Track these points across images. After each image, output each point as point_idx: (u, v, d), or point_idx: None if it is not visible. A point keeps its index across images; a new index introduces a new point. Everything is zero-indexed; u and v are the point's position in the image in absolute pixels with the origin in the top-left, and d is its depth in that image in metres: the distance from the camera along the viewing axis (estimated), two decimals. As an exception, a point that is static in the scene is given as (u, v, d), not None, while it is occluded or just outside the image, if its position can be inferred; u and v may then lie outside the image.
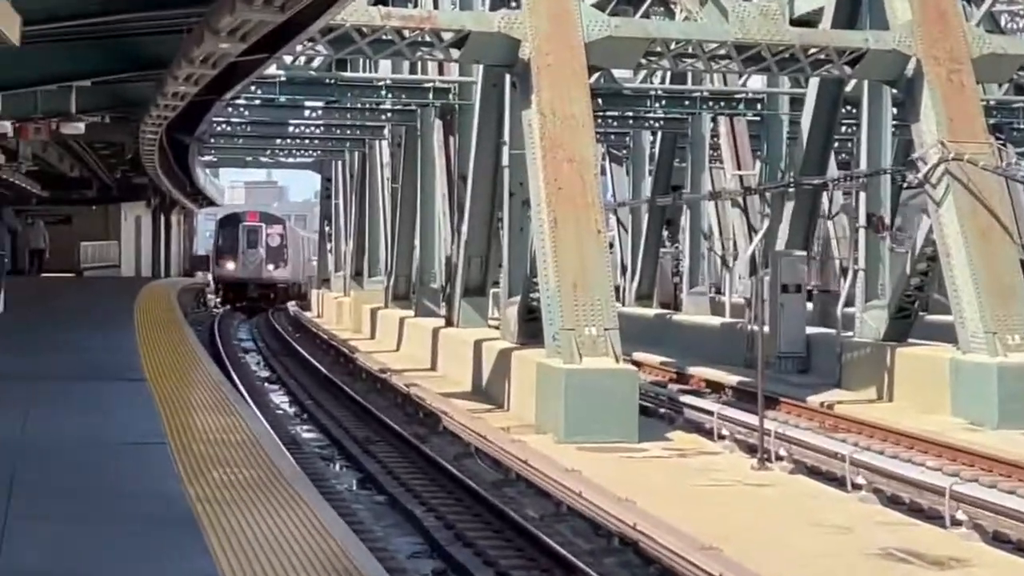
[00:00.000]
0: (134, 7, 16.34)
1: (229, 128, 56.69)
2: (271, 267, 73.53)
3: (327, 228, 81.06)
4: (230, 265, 73.42)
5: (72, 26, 16.51)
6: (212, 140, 57.44)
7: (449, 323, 38.70)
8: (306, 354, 45.38)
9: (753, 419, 25.41)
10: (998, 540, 18.33)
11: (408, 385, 32.61)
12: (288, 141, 67.27)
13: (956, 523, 18.96)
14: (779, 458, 24.06)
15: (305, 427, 29.74)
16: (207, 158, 73.85)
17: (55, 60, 20.09)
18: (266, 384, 38.76)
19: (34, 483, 12.73)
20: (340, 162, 71.67)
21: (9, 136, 25.67)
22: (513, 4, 30.68)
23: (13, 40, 10.85)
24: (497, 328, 35.23)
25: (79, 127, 25.83)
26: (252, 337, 60.93)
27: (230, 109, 43.81)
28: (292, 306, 77.82)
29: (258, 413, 19.59)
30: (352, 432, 27.75)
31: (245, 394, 28.16)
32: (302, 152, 76.18)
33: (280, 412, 31.95)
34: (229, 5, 12.63)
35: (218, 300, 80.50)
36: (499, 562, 16.86)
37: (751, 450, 24.86)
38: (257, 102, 47.65)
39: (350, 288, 65.05)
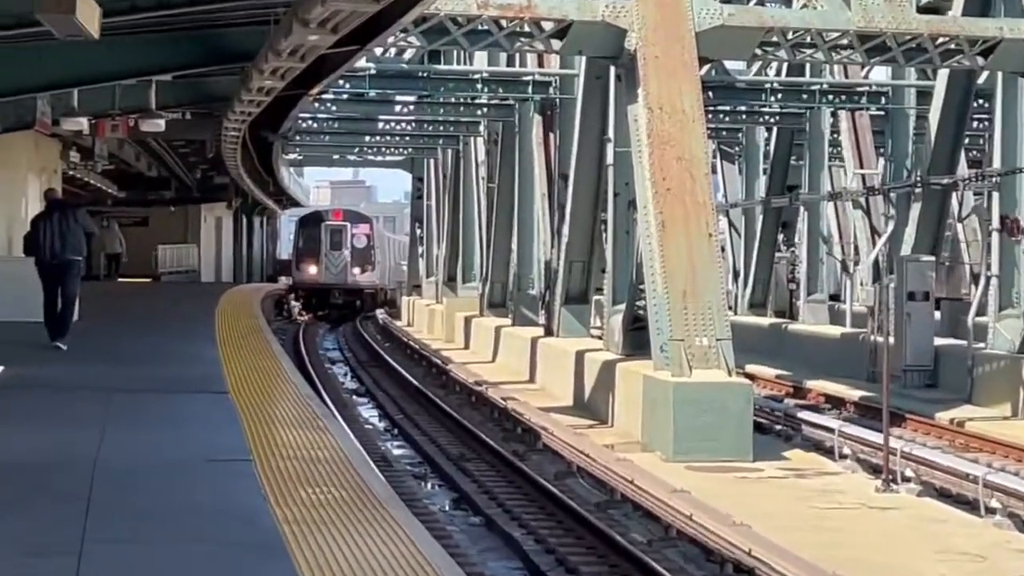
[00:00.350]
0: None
1: (315, 125, 57.08)
2: (357, 271, 70.45)
3: (418, 230, 79.32)
4: (312, 269, 69.92)
5: (153, 17, 16.63)
6: (297, 137, 57.89)
7: (548, 332, 38.73)
8: (396, 365, 45.52)
9: (877, 437, 25.31)
10: None
11: (505, 399, 32.63)
12: (377, 138, 67.11)
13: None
14: (905, 479, 23.90)
15: (396, 443, 29.84)
16: (291, 156, 74.15)
17: (134, 53, 20.27)
18: (354, 397, 38.87)
19: (111, 504, 12.81)
20: (432, 160, 71.76)
21: (85, 133, 25.92)
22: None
23: (93, 33, 10.95)
24: (600, 338, 35.20)
25: (159, 124, 26.04)
26: (338, 346, 61.06)
27: (317, 104, 44.05)
28: (380, 313, 76.15)
29: (347, 428, 19.61)
30: (446, 449, 27.79)
31: (332, 408, 28.26)
32: (392, 150, 75.82)
33: (369, 427, 32.04)
34: (317, 14, 12.68)
35: (299, 307, 75.61)
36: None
37: (875, 471, 24.74)
38: (345, 97, 47.94)
39: (442, 295, 65.00)
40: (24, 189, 37.48)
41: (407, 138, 66.68)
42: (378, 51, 32.56)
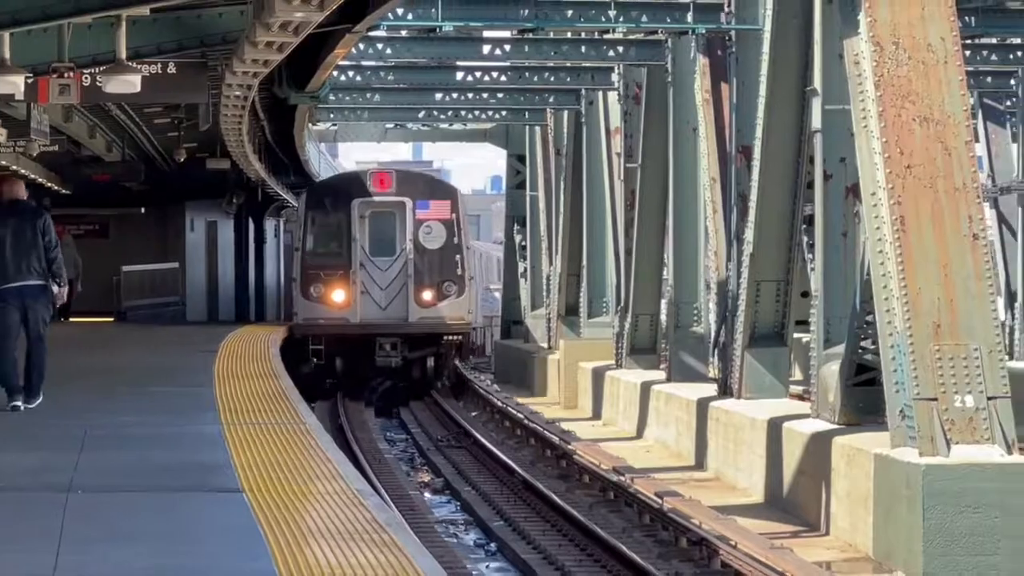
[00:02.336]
0: None
1: (360, 79, 57.15)
2: (429, 296, 49.87)
3: (519, 238, 78.95)
4: (337, 296, 50.02)
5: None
6: (332, 98, 57.33)
7: (725, 392, 38.83)
8: (488, 443, 45.50)
9: None
10: None
11: (660, 495, 32.67)
12: (454, 97, 66.57)
13: None
14: None
15: (495, 565, 29.90)
16: (322, 126, 74.18)
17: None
18: (429, 495, 39.02)
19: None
20: (539, 129, 71.60)
21: (18, 99, 26.00)
22: None
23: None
24: (803, 399, 35.19)
25: (132, 81, 26.08)
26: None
27: (363, 46, 44.23)
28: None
29: (421, 545, 19.67)
30: (569, 570, 27.83)
31: (397, 512, 28.37)
32: (477, 113, 74.86)
33: (453, 540, 32.14)
34: None
35: (312, 366, 55.71)
36: None
37: None
38: (405, 33, 48.20)
39: (558, 335, 64.28)
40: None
41: (500, 96, 66.22)
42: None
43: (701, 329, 44.43)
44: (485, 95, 65.74)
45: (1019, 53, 50.59)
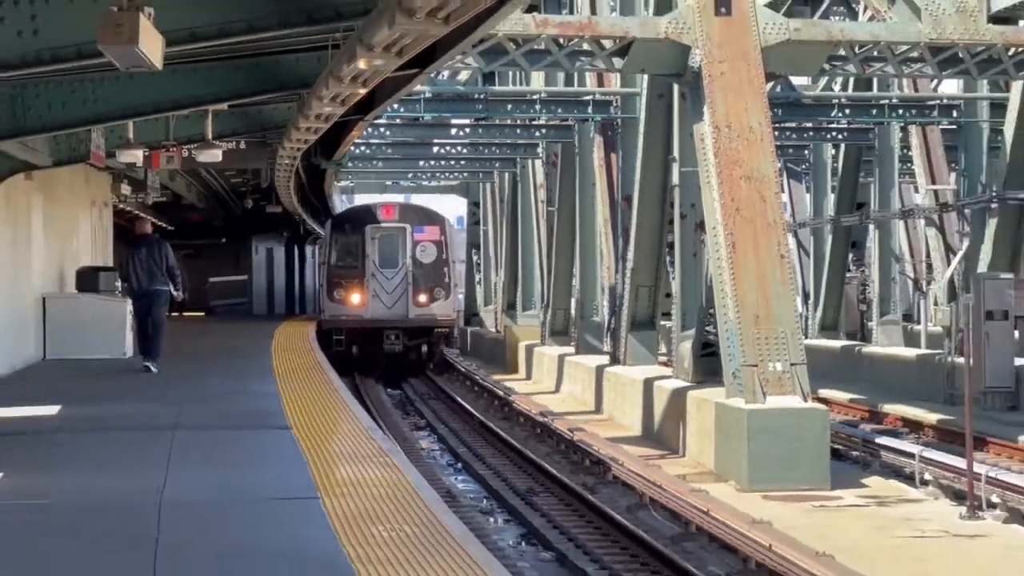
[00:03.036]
0: (282, 24, 16.47)
1: (368, 151, 57.15)
2: (423, 299, 46.89)
3: (475, 257, 78.98)
4: (354, 297, 47.23)
5: (212, 46, 16.70)
6: (350, 164, 57.55)
7: (615, 361, 38.74)
8: (457, 397, 45.38)
9: (960, 462, 25.24)
10: None
11: (572, 430, 32.63)
12: (432, 163, 67.01)
13: None
14: (991, 505, 23.82)
15: (460, 477, 29.85)
16: (344, 183, 74.22)
17: (191, 82, 20.35)
18: (415, 431, 38.85)
19: (180, 546, 12.83)
20: (489, 184, 71.54)
21: (139, 166, 25.95)
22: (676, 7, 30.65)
23: (156, 64, 10.99)
24: (668, 365, 35.18)
25: (216, 154, 26.12)
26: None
27: (370, 130, 44.20)
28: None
29: (410, 464, 19.62)
30: (512, 483, 27.78)
31: (394, 443, 28.32)
32: (447, 174, 75.52)
33: (432, 461, 32.04)
34: (388, 18, 12.67)
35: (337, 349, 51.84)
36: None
37: (958, 497, 24.65)
38: (399, 121, 48.26)
39: (501, 323, 64.27)
40: (77, 223, 37.63)
41: (462, 162, 66.35)
42: (436, 72, 32.45)
43: (598, 319, 44.30)
44: (452, 162, 65.77)
45: (810, 133, 50.56)
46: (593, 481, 26.94)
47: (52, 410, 22.68)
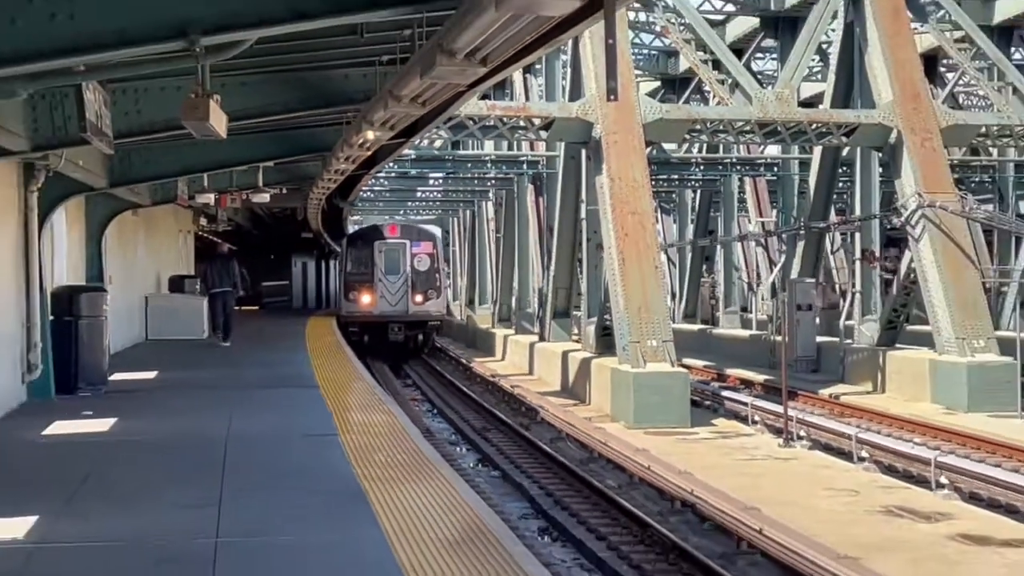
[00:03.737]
0: (307, 106, 16.49)
1: (372, 194, 57.00)
2: (419, 298, 44.03)
3: (446, 268, 77.92)
4: (365, 298, 44.07)
5: (260, 122, 16.69)
6: (359, 203, 57.51)
7: (542, 339, 38.65)
8: (432, 363, 45.13)
9: (779, 408, 25.37)
10: (974, 499, 18.24)
11: (513, 387, 32.62)
12: (416, 203, 67.19)
13: (940, 486, 18.89)
14: (799, 438, 23.98)
15: (437, 420, 29.72)
16: (355, 217, 73.92)
17: (247, 147, 20.28)
18: (404, 388, 38.65)
19: (240, 465, 12.84)
20: (456, 218, 71.12)
21: (211, 205, 26.05)
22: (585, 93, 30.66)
23: (222, 135, 10.95)
24: (579, 342, 35.15)
25: (265, 197, 26.08)
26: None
27: (373, 180, 44.05)
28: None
29: (402, 411, 19.60)
30: (472, 423, 27.72)
31: (390, 397, 28.28)
32: (427, 211, 75.41)
33: (416, 409, 31.92)
34: (383, 103, 12.71)
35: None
36: (589, 521, 16.86)
37: (777, 432, 24.79)
38: (393, 174, 47.90)
39: (465, 314, 64.14)
40: (169, 245, 37.60)
41: (437, 203, 66.52)
42: (416, 140, 32.44)
43: (531, 310, 44.12)
44: (430, 203, 65.85)
45: (676, 182, 50.60)
46: (527, 421, 26.89)
47: (152, 374, 22.61)
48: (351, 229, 48.18)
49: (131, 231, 29.50)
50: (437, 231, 58.31)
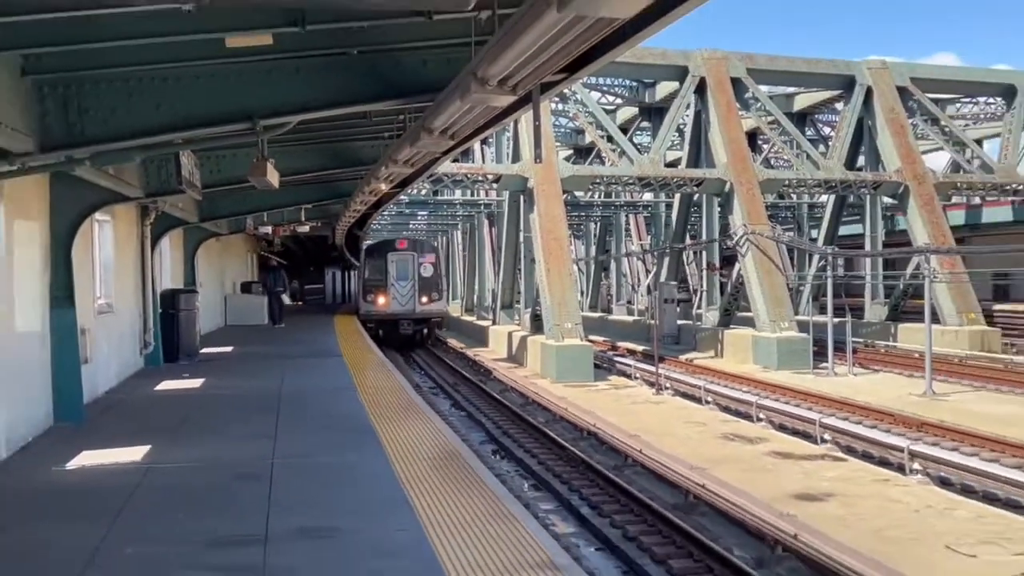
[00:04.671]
0: (334, 166, 16.37)
1: (379, 226, 56.49)
2: (424, 299, 38.69)
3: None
4: (380, 300, 38.72)
5: (301, 177, 16.57)
6: (370, 232, 56.97)
7: (494, 323, 38.63)
8: (436, 352, 44.61)
9: (652, 368, 25.46)
10: (781, 428, 18.36)
11: (474, 355, 32.52)
12: (409, 232, 66.30)
13: (759, 420, 19.03)
14: (666, 388, 24.07)
15: (423, 379, 29.58)
16: (368, 241, 73.46)
17: (292, 194, 20.10)
18: (400, 357, 38.41)
19: (290, 410, 12.77)
20: (437, 242, 71.00)
21: (269, 233, 25.85)
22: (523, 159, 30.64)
23: (275, 186, 10.90)
24: (519, 325, 35.14)
25: (305, 228, 25.98)
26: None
27: (379, 216, 43.81)
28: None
29: (399, 372, 19.51)
30: (447, 380, 27.58)
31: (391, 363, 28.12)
32: (417, 237, 75.10)
33: (419, 382, 31.71)
34: (386, 165, 12.61)
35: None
36: (526, 445, 16.85)
37: (651, 384, 24.87)
38: (393, 212, 47.73)
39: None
40: (242, 263, 37.33)
41: (424, 231, 65.75)
42: (408, 190, 32.32)
43: (487, 303, 44.04)
44: (419, 231, 65.12)
45: (584, 217, 50.67)
46: (484, 378, 26.81)
47: (229, 348, 22.42)
48: (365, 245, 41.25)
49: (215, 252, 29.23)
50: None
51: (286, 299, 41.69)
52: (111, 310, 15.41)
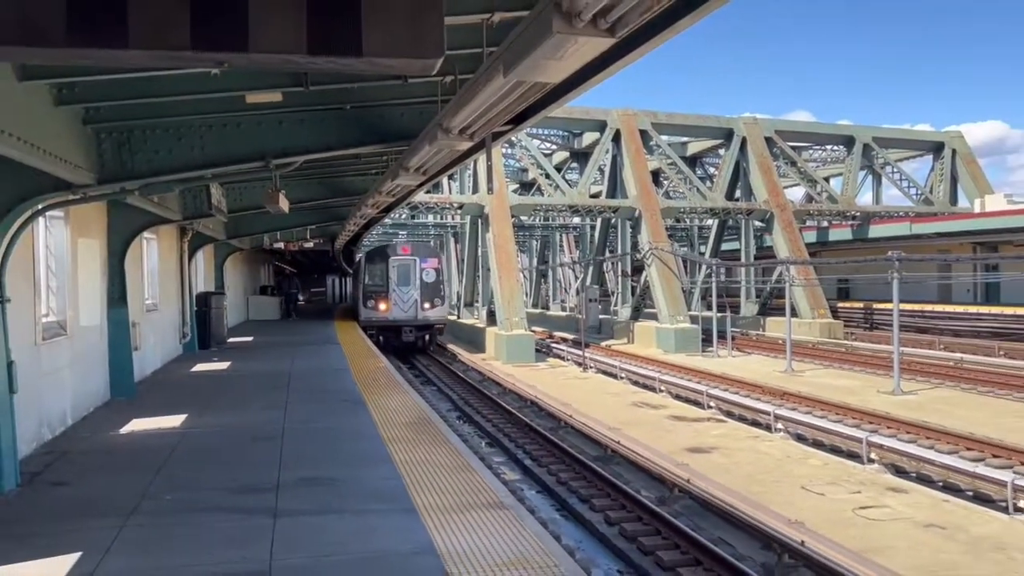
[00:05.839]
0: (332, 196, 16.18)
1: (368, 243, 55.80)
2: (427, 306, 29.95)
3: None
4: (381, 306, 30.21)
5: (307, 204, 16.35)
6: (361, 247, 56.13)
7: (458, 318, 38.36)
8: (431, 353, 44.21)
9: (579, 352, 25.46)
10: (678, 398, 18.39)
11: (453, 354, 32.25)
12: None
13: (661, 391, 19.11)
14: (590, 368, 24.07)
15: (402, 361, 29.29)
16: (358, 256, 72.67)
17: (300, 217, 19.83)
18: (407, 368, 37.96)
19: (298, 386, 12.59)
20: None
21: (281, 248, 25.46)
22: (480, 190, 30.53)
23: (285, 210, 10.76)
24: (478, 319, 34.97)
25: (311, 244, 25.60)
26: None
27: (369, 235, 43.37)
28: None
29: (384, 357, 19.30)
30: (421, 361, 27.33)
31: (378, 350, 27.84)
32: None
33: (413, 378, 31.36)
34: (373, 195, 12.50)
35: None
36: (483, 411, 16.76)
37: (579, 364, 24.85)
38: (380, 231, 47.10)
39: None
40: (259, 270, 36.73)
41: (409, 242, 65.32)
42: (392, 214, 32.06)
43: (453, 302, 43.72)
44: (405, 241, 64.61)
45: (527, 236, 50.56)
46: (450, 360, 26.63)
47: (251, 338, 22.08)
48: (365, 251, 32.56)
49: (239, 262, 28.75)
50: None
51: (300, 299, 41.13)
52: (156, 308, 15.13)
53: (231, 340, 20.59)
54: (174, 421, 9.77)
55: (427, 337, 29.04)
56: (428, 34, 2.93)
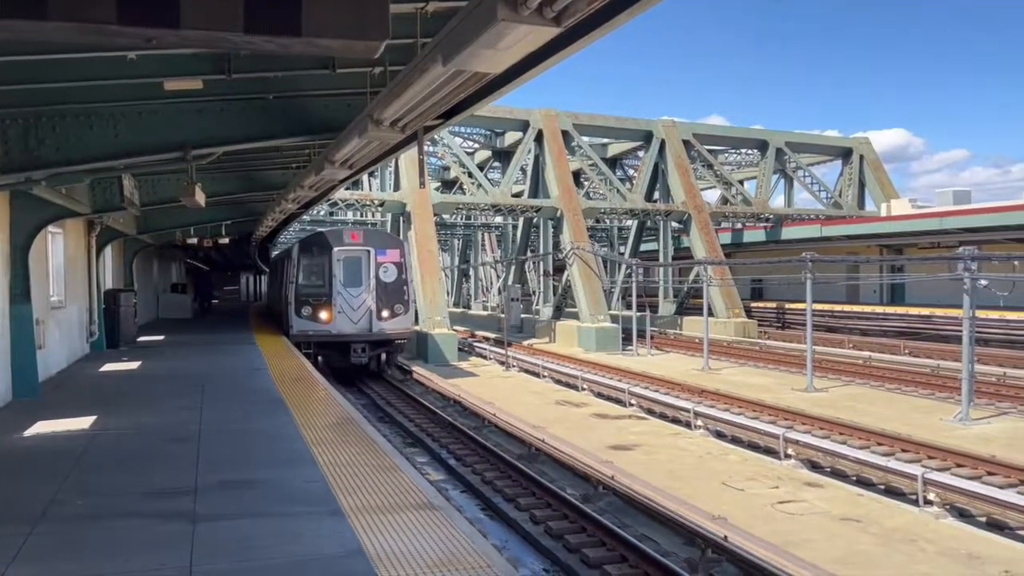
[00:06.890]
0: (250, 190, 15.75)
1: (285, 240, 54.61)
2: (385, 315, 19.59)
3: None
4: (322, 315, 19.50)
5: (223, 198, 15.86)
6: (277, 245, 54.86)
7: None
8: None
9: (502, 351, 25.49)
10: (600, 396, 18.62)
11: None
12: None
13: (583, 390, 19.31)
14: (513, 366, 24.14)
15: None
16: (275, 253, 71.11)
17: (216, 212, 19.24)
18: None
19: (214, 386, 12.21)
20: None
21: (196, 243, 24.65)
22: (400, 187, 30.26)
23: (202, 205, 10.41)
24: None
25: (225, 241, 24.82)
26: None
27: (287, 231, 42.44)
28: None
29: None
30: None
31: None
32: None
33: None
34: (294, 189, 12.21)
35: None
36: (405, 412, 16.60)
37: (502, 363, 24.88)
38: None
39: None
40: (170, 267, 35.53)
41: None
42: (310, 211, 31.44)
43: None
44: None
45: (449, 235, 50.38)
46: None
47: (162, 336, 21.31)
48: (298, 240, 23.09)
49: (149, 259, 27.74)
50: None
51: (215, 297, 39.93)
52: (62, 305, 14.43)
53: (141, 339, 19.81)
54: (82, 423, 9.32)
55: (383, 356, 21.22)
56: (372, 14, 2.84)
